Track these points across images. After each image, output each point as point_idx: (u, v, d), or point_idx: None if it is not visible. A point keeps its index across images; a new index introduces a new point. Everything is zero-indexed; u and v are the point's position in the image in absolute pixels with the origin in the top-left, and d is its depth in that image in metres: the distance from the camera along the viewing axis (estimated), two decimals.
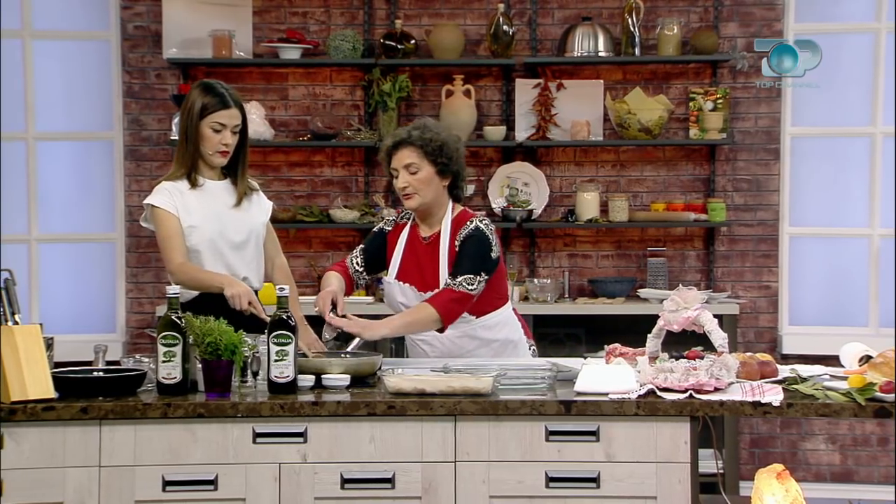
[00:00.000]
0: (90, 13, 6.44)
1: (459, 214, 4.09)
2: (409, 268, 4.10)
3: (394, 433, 3.36)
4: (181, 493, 3.34)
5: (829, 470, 6.35)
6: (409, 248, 4.12)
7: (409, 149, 3.99)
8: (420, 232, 4.13)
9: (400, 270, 4.11)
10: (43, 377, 3.34)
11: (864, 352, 3.83)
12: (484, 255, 3.98)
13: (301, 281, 6.13)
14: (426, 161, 3.98)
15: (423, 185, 3.99)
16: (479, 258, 3.97)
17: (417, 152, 3.98)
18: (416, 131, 4.01)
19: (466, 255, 3.98)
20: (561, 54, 6.28)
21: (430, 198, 4.02)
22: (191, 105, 3.99)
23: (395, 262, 4.13)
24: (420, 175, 3.99)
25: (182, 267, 3.93)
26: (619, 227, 6.30)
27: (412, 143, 3.99)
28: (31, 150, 6.42)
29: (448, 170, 4.02)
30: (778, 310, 6.41)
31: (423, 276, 4.07)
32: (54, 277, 6.48)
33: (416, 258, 4.10)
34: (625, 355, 3.73)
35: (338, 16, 6.42)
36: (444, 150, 3.99)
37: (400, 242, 4.14)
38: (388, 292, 4.16)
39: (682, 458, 3.35)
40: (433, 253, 4.07)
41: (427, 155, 3.98)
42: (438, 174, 4.01)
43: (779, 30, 6.34)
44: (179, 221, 3.97)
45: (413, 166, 3.98)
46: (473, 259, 3.96)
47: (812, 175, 6.47)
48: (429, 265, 4.07)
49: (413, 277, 4.09)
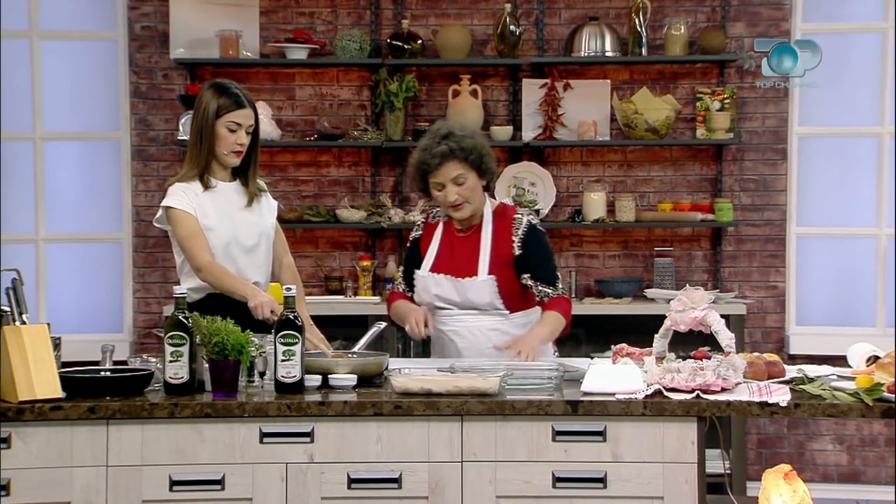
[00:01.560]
0: (97, 13, 6.45)
1: (499, 206, 4.21)
2: (443, 259, 4.17)
3: (400, 433, 3.37)
4: (188, 492, 3.35)
5: (837, 470, 6.34)
6: (444, 242, 4.20)
7: (453, 162, 4.06)
8: (455, 225, 4.20)
9: (434, 263, 4.18)
10: (50, 377, 3.35)
11: (871, 352, 3.83)
12: (551, 251, 4.23)
13: (308, 281, 6.14)
14: (471, 170, 4.07)
15: (472, 192, 4.10)
16: (551, 255, 4.20)
17: (462, 164, 4.06)
18: (452, 142, 4.07)
19: (542, 258, 4.15)
20: (568, 54, 6.27)
21: (477, 203, 4.13)
22: (205, 106, 3.99)
23: (430, 257, 4.19)
24: (467, 184, 4.08)
25: (210, 266, 3.91)
26: (626, 227, 6.29)
27: (455, 157, 4.05)
28: (39, 150, 6.43)
29: (488, 171, 4.13)
30: (785, 310, 6.40)
31: (458, 265, 4.13)
32: (62, 277, 6.48)
33: (451, 250, 4.17)
34: (631, 355, 3.73)
35: (345, 16, 6.42)
36: (483, 155, 4.10)
37: (434, 239, 4.21)
38: (422, 286, 4.18)
39: (689, 458, 3.35)
40: (472, 242, 4.14)
41: (471, 164, 4.07)
42: (480, 178, 4.12)
43: (786, 29, 6.33)
44: (198, 221, 3.97)
45: (460, 177, 4.06)
46: (549, 259, 4.18)
47: (819, 175, 6.46)
48: (465, 254, 4.13)
49: (448, 268, 4.15)
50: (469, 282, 4.10)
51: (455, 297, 4.13)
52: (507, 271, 4.11)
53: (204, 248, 3.94)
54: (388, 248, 6.42)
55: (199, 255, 3.93)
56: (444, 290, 4.13)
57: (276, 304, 3.83)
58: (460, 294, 4.11)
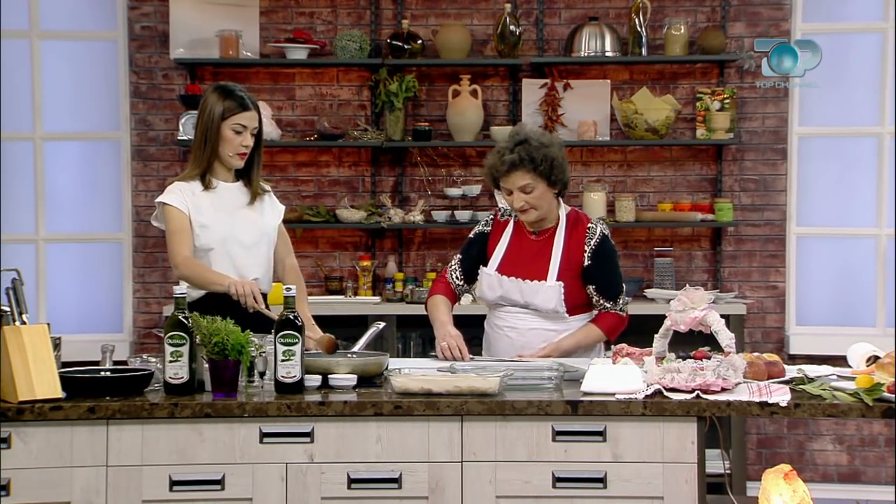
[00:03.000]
0: (97, 13, 6.45)
1: (573, 212, 4.19)
2: (512, 261, 4.15)
3: (400, 433, 3.36)
4: (188, 492, 3.35)
5: (837, 470, 6.34)
6: (514, 242, 4.17)
7: (521, 171, 4.03)
8: (527, 227, 4.17)
9: (502, 263, 4.15)
10: (50, 377, 3.35)
11: (871, 352, 3.83)
12: (619, 264, 4.20)
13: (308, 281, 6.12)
14: (540, 180, 4.03)
15: (540, 200, 4.07)
16: (618, 269, 4.17)
17: (531, 174, 4.03)
18: (524, 150, 4.02)
19: (610, 273, 4.13)
20: (568, 54, 6.27)
21: (545, 210, 4.10)
22: (210, 108, 4.01)
23: (498, 256, 4.17)
24: (535, 193, 4.05)
25: (187, 261, 3.94)
26: (626, 227, 6.29)
27: (524, 166, 4.02)
28: (39, 150, 6.43)
29: (559, 181, 4.07)
30: (785, 310, 6.40)
31: (527, 268, 4.11)
32: (62, 277, 6.49)
33: (520, 252, 4.15)
34: (631, 355, 3.73)
35: (345, 16, 6.42)
36: (554, 166, 4.03)
37: (504, 237, 4.19)
38: (487, 284, 4.17)
39: (689, 458, 3.35)
40: (544, 246, 4.13)
41: (539, 174, 4.02)
42: (550, 187, 4.07)
43: (786, 30, 6.33)
44: (190, 220, 3.99)
45: (528, 187, 4.04)
46: (616, 274, 4.15)
47: (819, 175, 6.46)
48: (536, 258, 4.11)
49: (515, 270, 4.13)
50: (537, 285, 4.08)
51: (519, 300, 4.11)
52: (575, 280, 4.10)
53: (185, 244, 3.97)
54: (388, 248, 6.42)
55: (178, 251, 3.96)
56: (509, 291, 4.11)
57: (255, 285, 3.83)
58: (525, 297, 4.10)
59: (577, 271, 4.10)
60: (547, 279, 4.08)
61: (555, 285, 4.07)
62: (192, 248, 3.99)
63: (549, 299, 4.08)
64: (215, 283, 3.89)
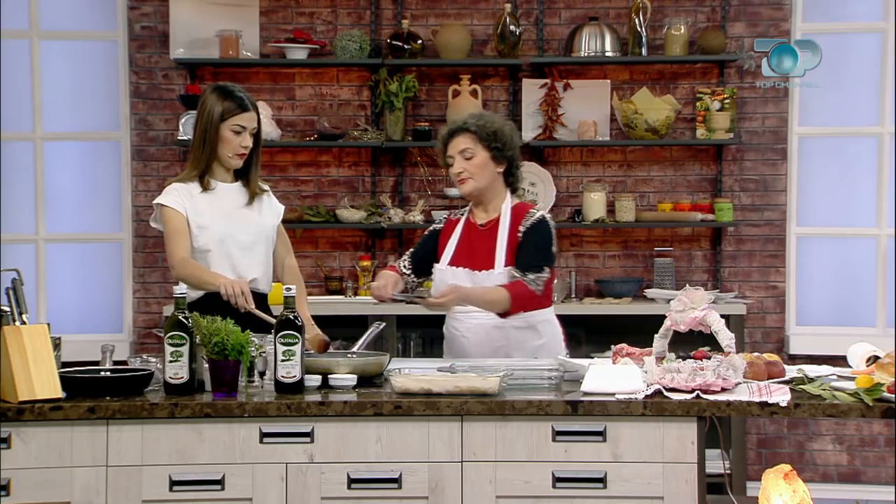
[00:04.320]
0: (97, 13, 6.45)
1: (519, 204, 4.18)
2: (462, 253, 4.17)
3: (400, 433, 3.37)
4: (188, 492, 3.35)
5: (837, 470, 6.34)
6: (464, 236, 4.20)
7: (464, 135, 4.10)
8: (476, 219, 4.20)
9: (453, 256, 4.18)
10: (50, 377, 3.35)
11: (871, 352, 3.83)
12: (548, 247, 4.10)
13: (308, 281, 6.13)
14: (480, 146, 4.08)
15: (478, 169, 4.09)
16: (545, 250, 4.08)
17: (472, 138, 4.09)
18: (472, 119, 4.13)
19: (533, 246, 4.07)
20: (568, 54, 6.27)
21: (484, 183, 4.11)
22: (209, 109, 4.01)
23: (449, 250, 4.19)
24: (475, 160, 4.09)
25: (183, 262, 3.95)
26: (626, 227, 6.29)
27: (467, 130, 4.10)
28: (39, 150, 6.43)
29: (502, 155, 4.11)
30: (785, 310, 6.40)
31: (476, 259, 4.12)
32: (62, 277, 6.49)
33: (470, 244, 4.17)
34: (631, 355, 3.73)
35: (345, 16, 6.42)
36: (497, 136, 4.09)
37: (455, 233, 4.21)
38: (439, 279, 4.19)
39: (690, 458, 3.35)
40: (490, 237, 4.13)
41: (481, 140, 4.08)
42: (493, 159, 4.10)
43: (786, 30, 6.33)
44: (187, 221, 4.00)
45: (468, 151, 4.09)
46: (539, 251, 4.07)
47: (819, 175, 6.46)
48: (483, 249, 4.12)
49: (465, 261, 4.14)
50: (485, 274, 4.09)
51: None
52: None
53: (182, 246, 3.97)
54: (388, 248, 6.42)
55: (176, 252, 3.97)
56: (461, 282, 4.11)
57: (245, 284, 3.83)
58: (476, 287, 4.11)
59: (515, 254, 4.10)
60: (495, 266, 4.08)
61: (504, 271, 4.07)
62: (190, 249, 4.00)
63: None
64: (209, 284, 3.89)
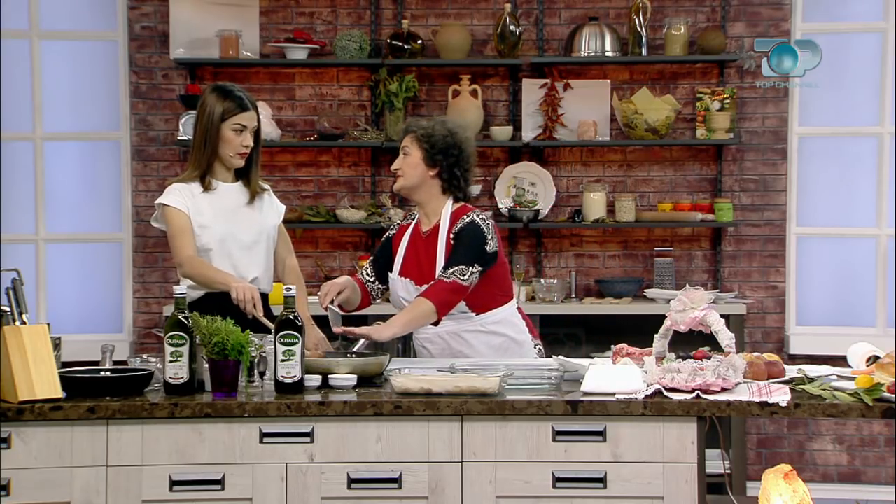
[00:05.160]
0: (97, 13, 6.45)
1: (458, 209, 4.17)
2: (409, 263, 4.18)
3: (400, 433, 3.37)
4: (188, 492, 3.35)
5: (837, 470, 6.34)
6: (410, 244, 4.21)
7: (409, 135, 4.20)
8: (421, 227, 4.22)
9: (402, 266, 4.19)
10: (50, 377, 3.35)
11: (871, 352, 3.83)
12: (477, 245, 4.05)
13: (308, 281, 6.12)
14: (416, 147, 4.16)
15: (409, 168, 4.16)
16: (473, 249, 4.04)
17: (410, 137, 4.18)
18: (423, 120, 4.25)
19: (461, 246, 4.06)
20: (568, 54, 6.27)
21: (411, 182, 4.16)
22: (209, 109, 4.02)
23: (399, 259, 4.21)
24: (408, 159, 4.17)
25: (191, 260, 3.95)
26: (626, 227, 6.29)
27: (411, 129, 4.20)
28: (39, 150, 6.43)
29: (432, 158, 4.14)
30: (785, 310, 6.40)
31: (421, 269, 4.14)
32: (62, 277, 6.49)
33: (415, 253, 4.18)
34: (631, 355, 3.73)
35: (345, 16, 6.42)
36: (432, 139, 4.14)
37: (404, 240, 4.23)
38: (392, 289, 4.23)
39: (689, 458, 3.35)
40: (431, 246, 4.14)
41: (416, 140, 4.16)
42: (424, 160, 4.14)
43: (786, 29, 6.33)
44: (190, 220, 4.00)
45: (405, 149, 4.18)
46: (467, 250, 4.04)
47: (819, 175, 6.46)
48: (426, 258, 4.14)
49: (412, 272, 4.16)
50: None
51: None
52: None
53: (188, 244, 3.98)
54: None
55: (182, 251, 3.97)
56: (410, 294, 4.13)
57: (256, 291, 3.83)
58: None
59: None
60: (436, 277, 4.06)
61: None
62: (195, 246, 4.00)
63: None
64: (218, 283, 3.90)
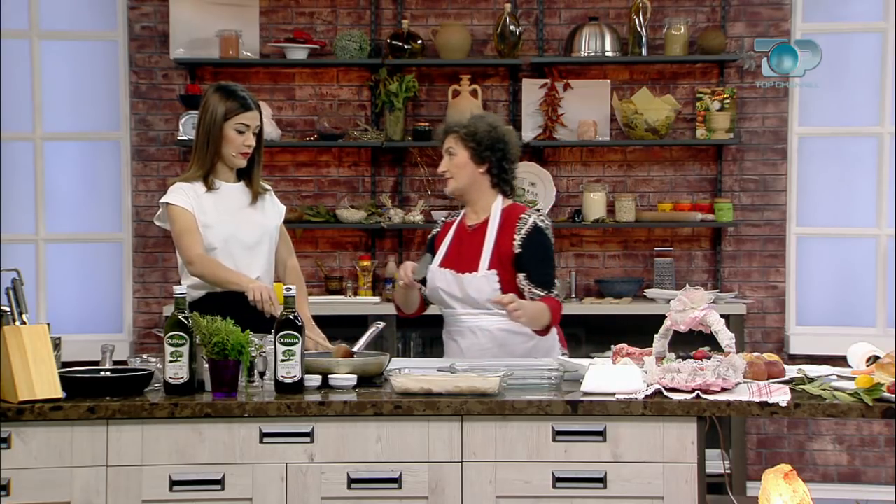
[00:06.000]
0: (97, 13, 6.45)
1: (510, 207, 4.23)
2: (451, 255, 4.23)
3: (400, 433, 3.37)
4: (188, 492, 3.35)
5: (837, 470, 6.34)
6: (455, 237, 4.26)
7: (450, 135, 4.22)
8: (466, 221, 4.27)
9: (444, 258, 4.23)
10: (50, 377, 3.35)
11: (871, 352, 3.83)
12: (552, 255, 4.20)
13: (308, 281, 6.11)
14: (462, 147, 4.18)
15: (458, 168, 4.19)
16: (551, 260, 4.18)
17: (455, 137, 4.20)
18: (461, 118, 4.27)
19: (539, 259, 4.14)
20: (568, 54, 6.27)
21: (463, 182, 4.20)
22: (212, 109, 4.02)
23: (441, 252, 4.25)
24: (456, 160, 4.19)
25: (202, 258, 3.94)
26: (626, 227, 6.29)
27: (452, 130, 4.22)
28: (39, 150, 6.43)
29: (480, 156, 4.17)
30: (785, 310, 6.40)
31: (461, 260, 4.18)
32: (62, 277, 6.49)
33: (458, 245, 4.23)
34: (631, 355, 3.73)
35: (345, 16, 6.42)
36: (476, 136, 4.16)
37: (448, 235, 4.28)
38: (430, 282, 4.24)
39: (690, 458, 3.35)
40: (478, 238, 4.19)
41: (461, 139, 4.18)
42: (472, 159, 4.17)
43: (786, 29, 6.33)
44: (195, 218, 3.99)
45: (451, 150, 4.20)
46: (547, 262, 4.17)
47: (819, 175, 6.46)
48: (469, 250, 4.18)
49: (453, 262, 4.20)
50: (470, 277, 4.13)
51: (457, 293, 4.16)
52: (508, 271, 4.13)
53: (197, 242, 3.97)
54: (388, 248, 6.42)
55: (191, 249, 3.96)
56: (448, 284, 4.16)
57: (272, 290, 3.84)
58: (462, 290, 4.14)
59: (509, 261, 4.14)
60: (479, 269, 4.12)
61: (487, 274, 4.12)
62: (203, 244, 3.99)
63: (481, 290, 4.11)
64: (232, 284, 3.89)
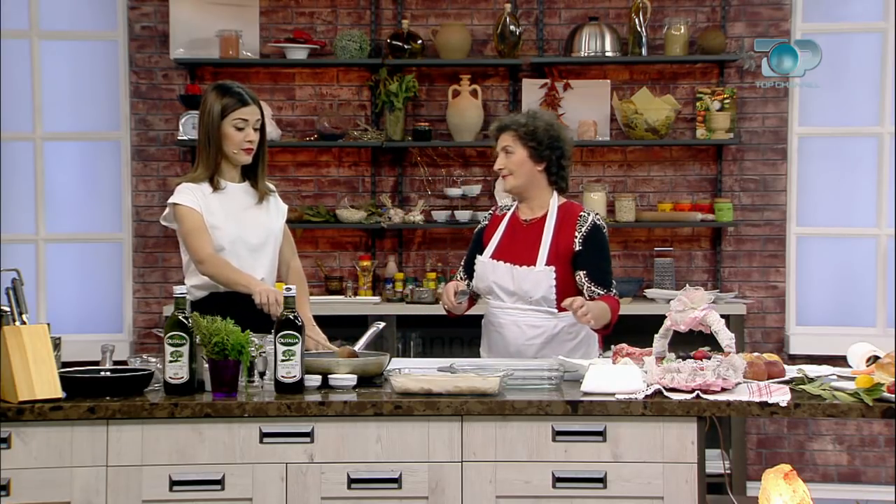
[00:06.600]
0: (97, 13, 6.45)
1: (566, 204, 4.26)
2: (505, 248, 4.23)
3: (400, 433, 3.37)
4: (188, 492, 3.35)
5: (837, 470, 6.34)
6: (508, 231, 4.27)
7: (507, 133, 4.23)
8: (520, 215, 4.28)
9: (496, 250, 4.24)
10: (50, 377, 3.35)
11: (871, 352, 3.83)
12: (609, 256, 4.24)
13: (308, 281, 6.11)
14: (520, 144, 4.20)
15: (517, 166, 4.21)
16: (608, 259, 4.22)
17: (513, 135, 4.21)
18: (518, 117, 4.28)
19: (600, 258, 4.18)
20: (568, 54, 6.27)
21: (522, 180, 4.22)
22: (209, 108, 4.02)
23: (493, 244, 4.26)
24: (514, 158, 4.21)
25: (213, 258, 3.94)
26: (626, 227, 6.29)
27: (509, 128, 4.23)
28: (39, 150, 6.43)
29: (539, 153, 4.20)
30: (785, 310, 6.40)
31: (518, 254, 4.18)
32: (62, 277, 6.49)
33: (513, 239, 4.23)
34: (631, 355, 3.73)
35: (345, 16, 6.43)
36: (535, 135, 4.18)
37: (500, 228, 4.29)
38: (481, 271, 4.24)
39: (690, 458, 3.35)
40: (534, 234, 4.20)
41: (520, 138, 4.20)
42: (531, 157, 4.20)
43: (786, 29, 6.33)
44: (203, 218, 3.99)
45: (508, 148, 4.22)
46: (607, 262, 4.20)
47: (819, 175, 6.46)
48: (524, 244, 4.19)
49: (507, 255, 4.20)
50: (526, 271, 4.14)
51: (510, 286, 4.16)
52: (565, 267, 4.15)
53: (206, 242, 3.97)
54: (388, 248, 6.42)
55: (201, 249, 3.95)
56: (501, 277, 4.17)
57: (279, 293, 3.84)
58: (516, 283, 4.14)
59: (567, 258, 4.14)
60: (537, 264, 4.12)
61: (544, 270, 4.12)
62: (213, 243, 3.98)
63: (538, 284, 4.12)
64: (241, 286, 3.89)
